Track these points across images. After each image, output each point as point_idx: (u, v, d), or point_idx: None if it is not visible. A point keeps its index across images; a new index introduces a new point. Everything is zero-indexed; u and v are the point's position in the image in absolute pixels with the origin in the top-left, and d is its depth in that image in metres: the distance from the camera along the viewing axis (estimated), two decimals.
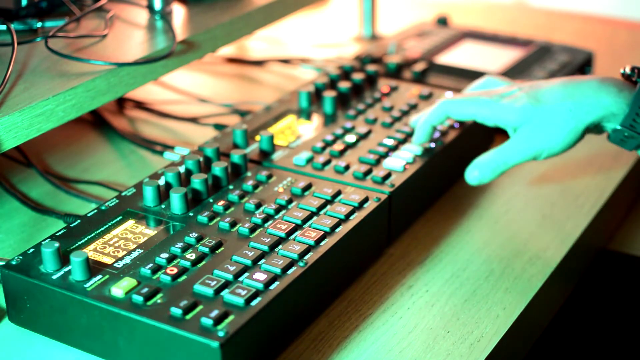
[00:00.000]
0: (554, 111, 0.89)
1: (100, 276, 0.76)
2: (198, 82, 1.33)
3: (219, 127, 1.13)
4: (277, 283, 0.76)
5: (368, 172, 0.93)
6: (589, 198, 1.04)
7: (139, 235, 0.82)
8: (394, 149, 0.97)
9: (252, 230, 0.83)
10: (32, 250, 0.80)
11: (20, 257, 0.79)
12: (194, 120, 1.18)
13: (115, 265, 0.78)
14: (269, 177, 0.91)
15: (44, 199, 1.01)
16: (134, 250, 0.80)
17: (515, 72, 1.21)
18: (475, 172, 0.94)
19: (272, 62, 1.37)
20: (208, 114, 1.20)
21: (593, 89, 0.88)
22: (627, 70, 0.90)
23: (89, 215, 0.85)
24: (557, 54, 1.28)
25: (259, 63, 1.38)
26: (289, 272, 0.77)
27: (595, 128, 0.90)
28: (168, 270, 0.76)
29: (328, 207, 0.86)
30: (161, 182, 0.89)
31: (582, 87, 0.89)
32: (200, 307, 0.73)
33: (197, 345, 0.70)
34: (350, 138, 0.99)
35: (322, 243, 0.81)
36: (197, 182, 0.87)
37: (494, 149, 0.94)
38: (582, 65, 1.29)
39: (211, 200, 0.87)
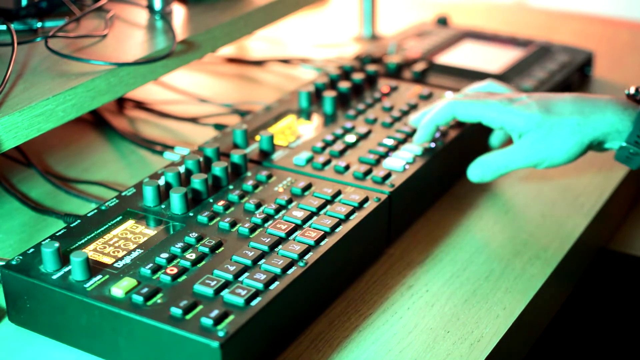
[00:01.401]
0: (562, 123, 0.91)
1: (100, 276, 0.76)
2: (198, 82, 1.33)
3: (219, 127, 1.13)
4: (277, 283, 0.76)
5: (368, 172, 0.93)
6: (589, 198, 1.04)
7: (139, 235, 0.82)
8: (394, 149, 0.97)
9: (252, 230, 0.83)
10: (32, 250, 0.80)
11: (20, 257, 0.79)
12: (194, 120, 1.18)
13: (115, 265, 0.78)
14: (269, 177, 0.91)
15: (44, 199, 1.01)
16: (134, 250, 0.80)
17: (515, 72, 1.21)
18: (477, 171, 0.97)
19: (272, 62, 1.37)
20: (208, 114, 1.20)
21: (600, 106, 0.91)
22: (632, 91, 0.93)
23: (89, 215, 0.85)
24: (557, 54, 1.28)
25: (259, 63, 1.38)
26: (289, 272, 0.77)
27: (598, 145, 0.93)
28: (168, 270, 0.76)
29: (328, 207, 0.86)
30: (161, 182, 0.89)
31: (590, 104, 0.92)
32: (200, 307, 0.73)
33: (197, 345, 0.70)
34: (350, 138, 0.99)
35: (322, 243, 0.81)
36: (197, 182, 0.87)
37: (498, 150, 0.96)
38: (582, 65, 1.29)
39: (211, 200, 0.87)
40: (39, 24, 1.00)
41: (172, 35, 1.01)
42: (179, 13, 1.10)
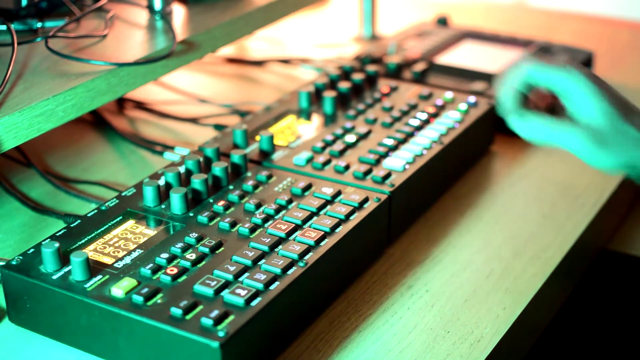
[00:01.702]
0: (629, 135, 0.81)
1: (100, 276, 0.76)
2: (198, 82, 1.33)
3: (219, 127, 1.13)
4: (277, 283, 0.76)
5: (368, 172, 0.93)
6: (589, 198, 1.04)
7: (139, 235, 0.82)
8: (394, 149, 0.97)
9: (252, 230, 0.82)
10: (32, 250, 0.80)
11: (20, 257, 0.79)
12: (194, 120, 1.18)
13: (115, 265, 0.78)
14: (269, 177, 0.91)
15: (44, 199, 1.01)
16: (134, 250, 0.80)
17: None
18: (525, 126, 0.83)
19: (272, 62, 1.37)
20: (208, 114, 1.20)
21: None
22: None
23: (89, 215, 0.85)
24: (557, 54, 1.28)
25: (259, 63, 1.38)
26: (289, 272, 0.77)
27: (632, 168, 0.84)
28: (168, 271, 0.76)
29: (328, 207, 0.86)
30: (161, 182, 0.89)
31: None
32: (200, 307, 0.73)
33: (197, 345, 0.70)
34: (350, 138, 0.99)
35: (322, 243, 0.81)
36: (197, 182, 0.87)
37: (556, 122, 0.82)
38: (582, 65, 1.29)
39: (211, 201, 0.87)
40: (39, 24, 1.00)
41: (172, 35, 1.01)
42: (179, 13, 1.10)
